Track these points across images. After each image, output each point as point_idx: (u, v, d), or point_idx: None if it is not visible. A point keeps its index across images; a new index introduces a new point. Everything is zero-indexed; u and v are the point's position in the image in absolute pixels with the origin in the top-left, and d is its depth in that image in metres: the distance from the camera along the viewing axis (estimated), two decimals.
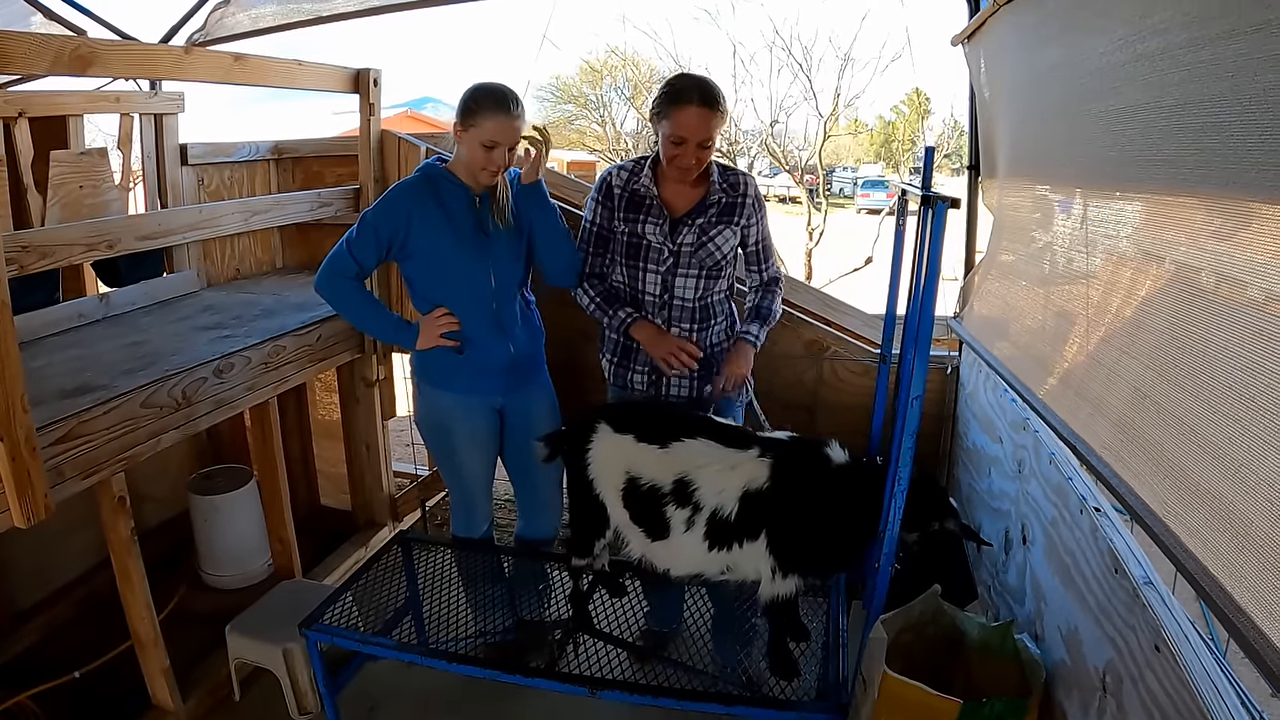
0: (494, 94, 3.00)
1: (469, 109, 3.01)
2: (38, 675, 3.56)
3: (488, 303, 3.20)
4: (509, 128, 2.99)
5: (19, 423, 2.39)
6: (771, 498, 2.55)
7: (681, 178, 3.11)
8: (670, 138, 2.98)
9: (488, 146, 2.99)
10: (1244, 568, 1.43)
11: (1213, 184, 1.67)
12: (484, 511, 3.52)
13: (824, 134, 18.29)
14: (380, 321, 3.32)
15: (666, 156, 3.05)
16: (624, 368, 3.33)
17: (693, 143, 2.96)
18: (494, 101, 2.98)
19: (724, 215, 3.15)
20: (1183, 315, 1.76)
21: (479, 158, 3.02)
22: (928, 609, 2.63)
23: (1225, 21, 1.58)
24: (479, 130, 2.99)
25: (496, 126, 2.97)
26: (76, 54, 2.72)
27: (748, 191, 3.19)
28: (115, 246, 3.05)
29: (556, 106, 28.76)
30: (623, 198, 3.21)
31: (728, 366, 3.17)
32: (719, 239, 3.14)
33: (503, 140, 2.99)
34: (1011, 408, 3.09)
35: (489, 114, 2.97)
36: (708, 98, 2.96)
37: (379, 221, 3.10)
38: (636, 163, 3.24)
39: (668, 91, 3.03)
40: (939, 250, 2.32)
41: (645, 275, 3.19)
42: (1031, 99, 2.97)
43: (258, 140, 4.99)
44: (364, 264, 3.15)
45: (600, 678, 2.75)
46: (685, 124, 2.95)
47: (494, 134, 2.98)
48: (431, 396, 3.34)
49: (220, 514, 4.42)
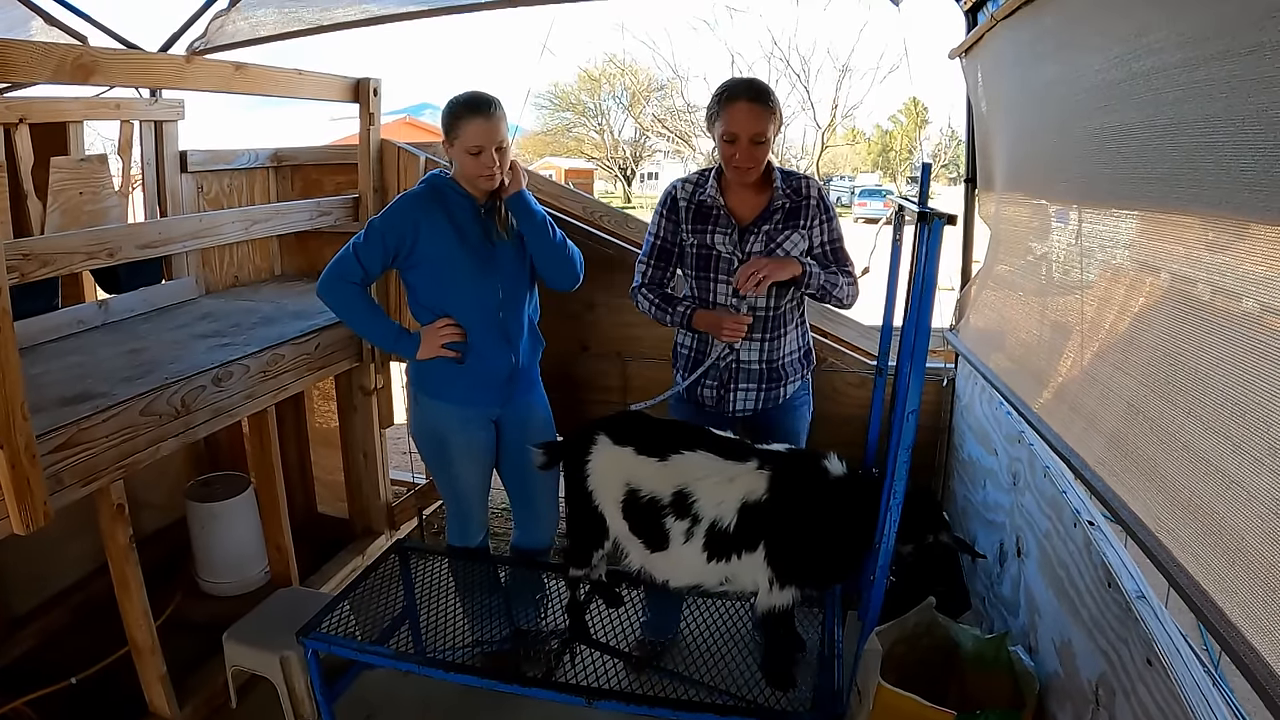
0: (467, 101, 3.05)
1: (448, 122, 3.07)
2: (35, 681, 3.57)
3: (494, 313, 3.21)
4: (488, 129, 3.02)
5: (19, 430, 2.40)
6: (770, 509, 2.57)
7: (741, 179, 3.09)
8: (723, 136, 2.99)
9: (473, 153, 3.03)
10: (1235, 582, 1.45)
11: (1205, 203, 1.69)
12: (479, 521, 3.53)
13: (822, 144, 18.37)
14: (382, 329, 3.30)
15: (724, 158, 3.04)
16: (696, 382, 3.32)
17: (744, 138, 2.95)
18: (468, 108, 3.02)
19: (790, 220, 3.14)
20: (1176, 331, 1.78)
21: (470, 165, 3.06)
22: (922, 621, 2.65)
23: (1219, 43, 1.59)
24: (461, 139, 3.03)
25: (475, 130, 3.01)
26: (78, 63, 2.73)
27: (810, 193, 3.16)
28: (116, 255, 3.06)
29: (555, 114, 28.87)
30: (689, 210, 3.21)
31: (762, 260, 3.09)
32: (787, 244, 3.12)
33: (485, 142, 3.02)
34: (1006, 420, 3.10)
35: (465, 120, 3.01)
36: (756, 93, 2.99)
37: (387, 229, 3.12)
38: (701, 174, 3.25)
39: (718, 94, 3.04)
40: (935, 266, 2.34)
41: (716, 285, 3.18)
42: (1028, 114, 2.99)
43: (257, 148, 5.00)
44: (369, 270, 3.17)
45: (597, 688, 2.76)
46: (735, 119, 2.95)
47: (475, 138, 3.01)
48: (428, 407, 3.34)
49: (218, 521, 4.43)
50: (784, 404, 3.32)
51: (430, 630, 3.13)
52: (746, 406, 3.28)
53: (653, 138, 26.84)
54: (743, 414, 3.29)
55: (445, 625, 3.13)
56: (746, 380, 3.25)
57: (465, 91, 3.10)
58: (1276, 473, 1.37)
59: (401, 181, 4.20)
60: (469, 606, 3.29)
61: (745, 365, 3.24)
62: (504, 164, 3.10)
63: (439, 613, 3.20)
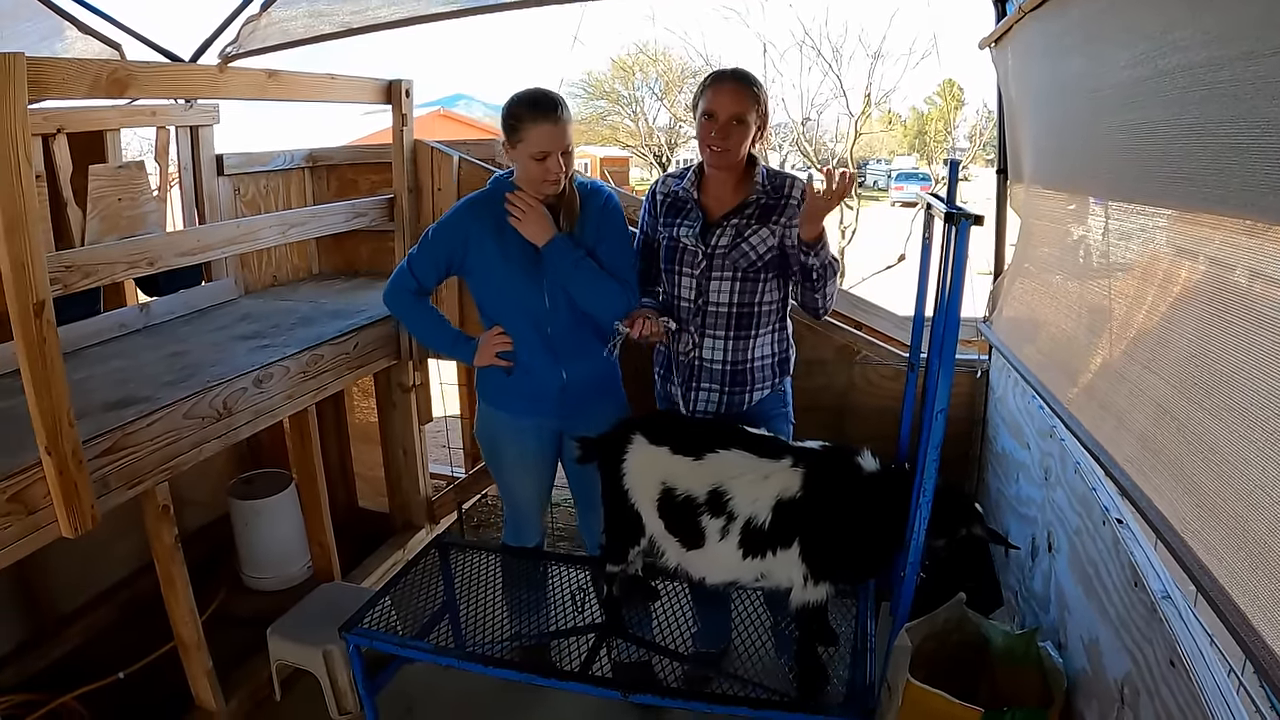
0: (532, 101, 2.90)
1: (510, 123, 2.92)
2: (82, 677, 3.66)
3: (540, 324, 3.14)
4: (554, 133, 2.88)
5: (66, 437, 2.47)
6: (804, 506, 2.58)
7: (717, 163, 3.01)
8: (703, 114, 2.96)
9: (538, 158, 2.90)
10: (1257, 586, 1.45)
11: (1232, 204, 1.69)
12: (534, 527, 3.55)
13: (855, 132, 18.25)
14: (439, 336, 3.30)
15: (701, 139, 3.00)
16: (666, 380, 3.31)
17: (723, 117, 2.91)
18: (533, 109, 2.88)
19: (763, 216, 3.05)
20: (1203, 332, 1.78)
21: (534, 171, 2.93)
22: (952, 616, 2.66)
23: (1244, 43, 1.58)
24: (525, 143, 2.89)
25: (541, 135, 2.87)
26: (114, 77, 2.79)
27: (792, 193, 3.06)
28: (156, 263, 3.12)
29: (589, 102, 28.77)
30: (664, 203, 3.18)
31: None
32: (754, 239, 3.04)
33: (552, 147, 2.89)
34: (1039, 414, 3.09)
35: (530, 123, 2.87)
36: (738, 75, 2.97)
37: (437, 240, 3.11)
38: (686, 168, 3.21)
39: (703, 80, 3.04)
40: (963, 266, 2.34)
41: (680, 279, 3.13)
42: (1056, 106, 2.98)
43: (292, 149, 5.06)
44: (423, 281, 3.15)
45: (633, 681, 2.80)
46: (716, 98, 2.92)
47: (541, 143, 2.88)
48: (486, 413, 3.35)
49: (260, 518, 4.51)
50: (750, 411, 3.22)
51: (470, 625, 3.16)
52: (707, 409, 3.21)
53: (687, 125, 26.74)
54: (703, 416, 3.22)
55: (484, 620, 3.16)
56: (709, 380, 3.19)
57: (528, 90, 2.96)
58: None
59: (436, 180, 4.24)
60: (509, 601, 3.31)
61: (706, 364, 3.18)
62: (569, 167, 2.98)
63: (478, 607, 3.24)
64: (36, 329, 2.36)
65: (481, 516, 5.77)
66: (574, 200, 3.09)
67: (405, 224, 4.20)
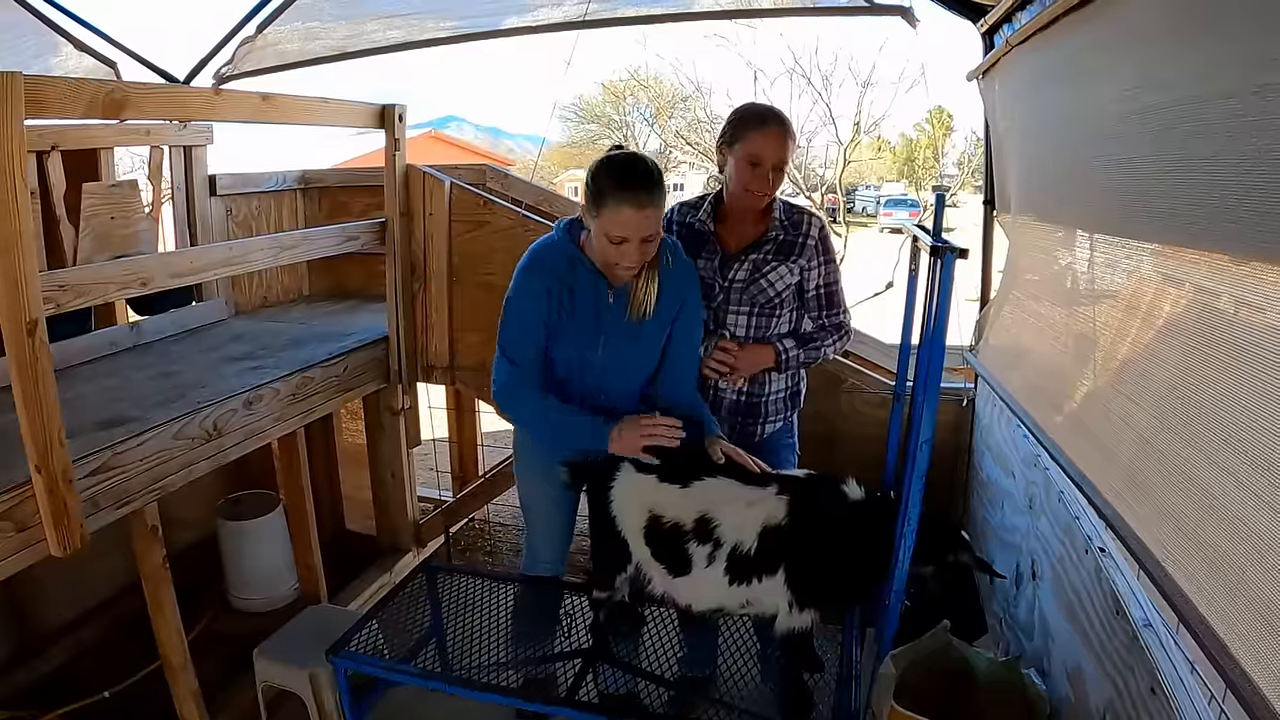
0: (621, 176, 2.53)
1: (593, 192, 2.56)
2: (69, 694, 3.66)
3: (591, 395, 2.91)
4: (639, 220, 2.51)
5: (56, 456, 2.48)
6: (789, 534, 2.59)
7: (753, 204, 3.01)
8: (747, 158, 2.90)
9: (614, 241, 2.55)
10: (1235, 615, 1.48)
11: (1211, 241, 1.72)
12: (549, 564, 3.37)
13: (844, 160, 18.40)
14: (577, 429, 2.82)
15: (740, 181, 2.95)
16: None
17: (768, 164, 2.90)
18: (620, 185, 2.50)
19: (780, 253, 3.06)
20: (1184, 364, 1.81)
21: (609, 251, 2.60)
22: (937, 644, 2.68)
23: (1225, 81, 1.63)
24: (602, 220, 2.54)
25: (624, 220, 2.51)
26: (110, 98, 2.79)
27: (810, 232, 3.06)
28: (149, 284, 3.12)
29: (580, 126, 28.90)
30: (681, 234, 3.12)
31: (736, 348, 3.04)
32: (772, 275, 3.05)
33: (633, 235, 2.53)
34: (1024, 443, 3.12)
35: (614, 203, 2.50)
36: (782, 120, 2.96)
37: (525, 310, 2.75)
38: (701, 198, 3.20)
39: (741, 117, 2.98)
40: (948, 299, 2.36)
41: None
42: (1043, 139, 3.02)
43: (284, 170, 5.09)
44: (532, 364, 2.80)
45: (619, 707, 2.80)
46: (764, 144, 2.89)
47: (622, 228, 2.52)
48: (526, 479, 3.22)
49: (248, 539, 4.51)
50: (761, 444, 3.22)
51: (456, 649, 3.16)
52: (723, 395, 3.19)
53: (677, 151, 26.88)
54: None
55: (471, 644, 3.16)
56: (719, 411, 3.16)
57: (622, 157, 2.59)
58: (1275, 509, 1.41)
59: (428, 206, 4.25)
60: (495, 626, 3.27)
61: (721, 395, 3.17)
62: (649, 254, 2.63)
63: (465, 632, 3.24)
64: (29, 348, 2.37)
65: (468, 540, 5.78)
66: (648, 290, 2.76)
67: (397, 248, 4.22)
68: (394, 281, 4.29)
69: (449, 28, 4.47)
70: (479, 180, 4.73)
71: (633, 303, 2.75)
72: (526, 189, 4.89)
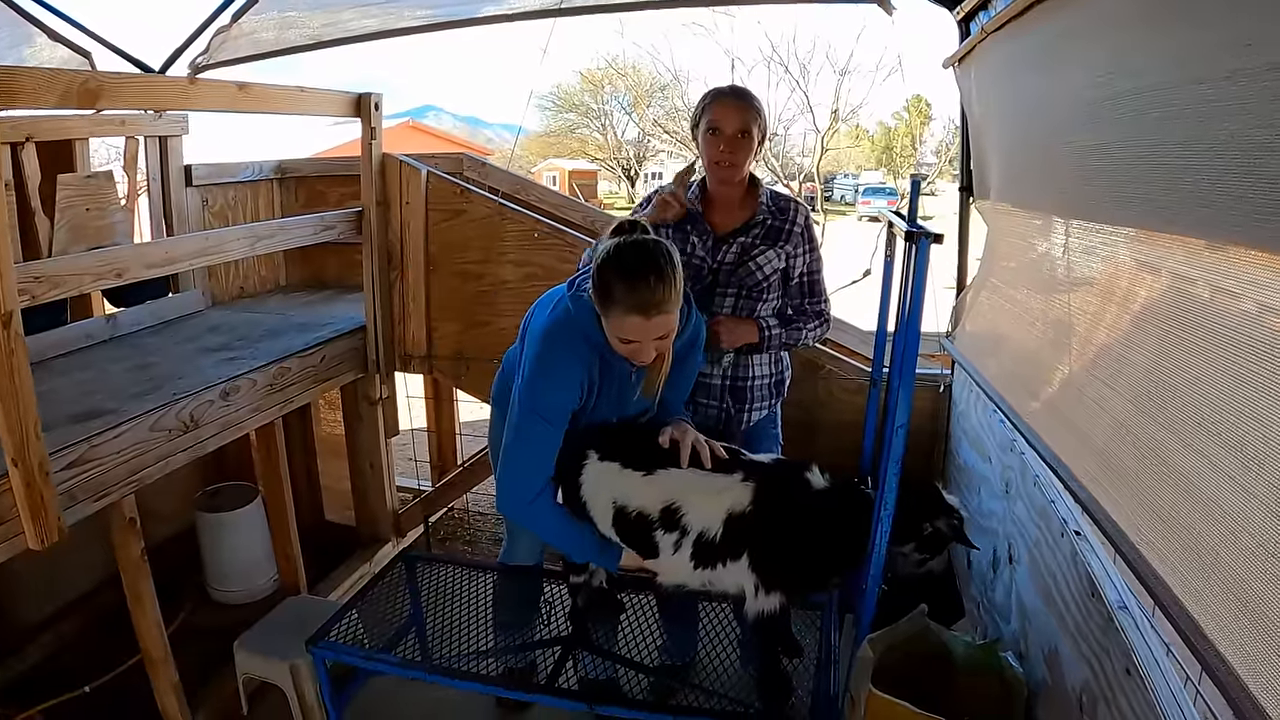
0: (628, 279, 2.39)
1: (599, 288, 2.45)
2: (49, 689, 3.63)
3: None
4: (651, 327, 2.43)
5: (32, 450, 2.46)
6: (753, 521, 2.60)
7: (723, 177, 3.05)
8: (708, 128, 2.99)
9: (624, 341, 2.48)
10: (1209, 596, 1.49)
11: (1183, 225, 1.73)
12: (530, 557, 3.43)
13: (822, 148, 18.44)
14: (586, 543, 2.80)
15: (708, 154, 3.03)
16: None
17: (729, 131, 2.96)
18: (628, 291, 2.38)
19: (768, 237, 3.10)
20: (1159, 348, 1.82)
21: (620, 348, 2.53)
22: (914, 628, 2.70)
23: (1196, 67, 1.63)
24: (611, 323, 2.47)
25: (632, 328, 2.43)
26: (85, 87, 2.78)
27: (797, 219, 3.13)
28: (124, 275, 3.10)
29: (558, 115, 28.85)
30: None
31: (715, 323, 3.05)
32: (760, 259, 3.09)
33: (643, 338, 2.46)
34: (1000, 429, 3.13)
35: (620, 311, 2.41)
36: (740, 93, 3.06)
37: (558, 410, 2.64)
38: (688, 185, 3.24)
39: (703, 96, 3.08)
40: (923, 284, 2.36)
41: None
42: (1018, 126, 3.03)
43: (261, 160, 5.06)
44: (559, 420, 2.66)
45: (599, 693, 2.81)
46: (723, 113, 2.97)
47: (631, 333, 2.45)
48: None
49: (227, 531, 4.50)
50: (746, 431, 3.27)
51: (435, 638, 3.16)
52: (705, 425, 3.14)
53: (655, 140, 26.87)
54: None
55: (451, 633, 3.16)
56: (706, 396, 3.21)
57: (630, 251, 2.43)
58: (1247, 491, 1.42)
59: (404, 194, 4.23)
60: (475, 615, 3.27)
61: (706, 380, 3.18)
62: (669, 343, 2.57)
63: (444, 620, 3.24)
64: (4, 341, 2.35)
65: (448, 530, 5.78)
66: (662, 369, 2.68)
67: (373, 237, 4.20)
68: (371, 271, 4.27)
69: (425, 16, 4.44)
70: (456, 169, 4.71)
71: (646, 382, 2.71)
72: (503, 178, 4.87)
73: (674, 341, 2.62)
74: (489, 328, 4.29)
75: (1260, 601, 1.34)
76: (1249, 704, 1.33)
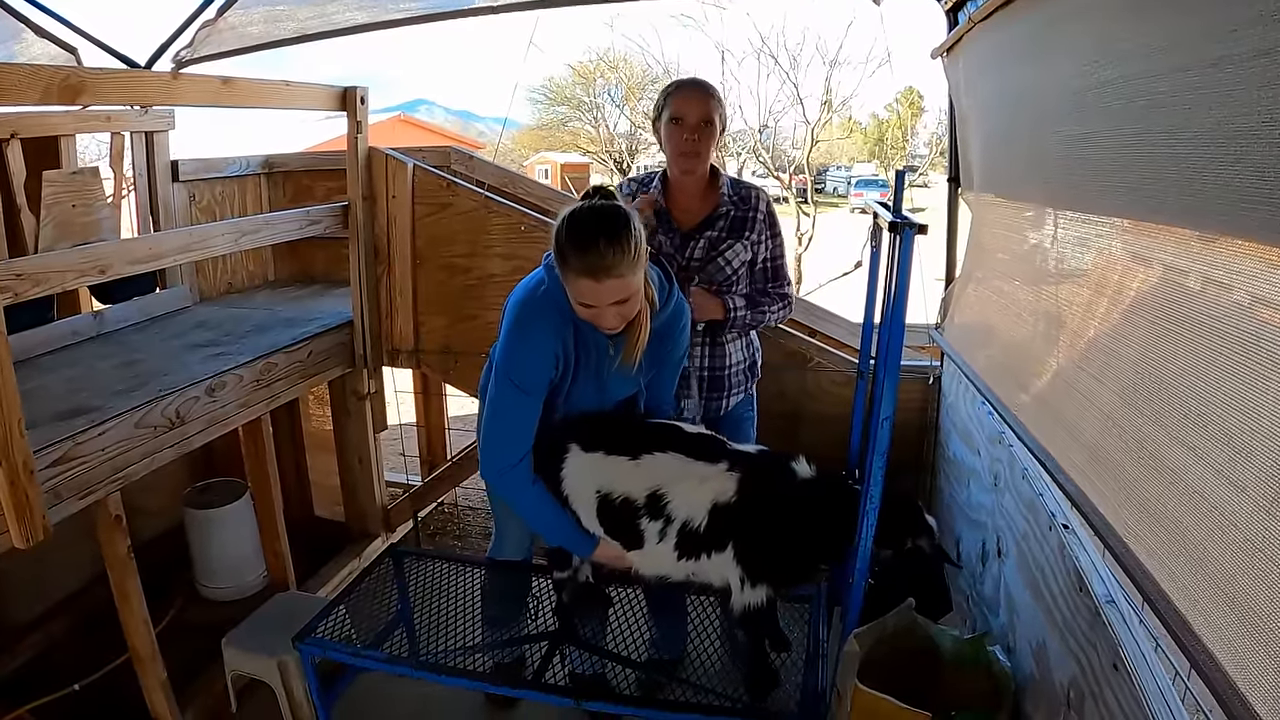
0: (579, 242, 2.37)
1: (558, 255, 2.44)
2: (37, 688, 3.62)
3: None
4: (603, 290, 2.38)
5: (17, 447, 2.45)
6: (738, 511, 2.59)
7: (686, 167, 3.07)
8: (670, 122, 3.02)
9: (583, 304, 2.45)
10: (1197, 591, 1.48)
11: (1169, 214, 1.73)
12: (518, 552, 3.40)
13: (812, 140, 18.40)
14: (563, 529, 2.78)
15: (672, 146, 3.05)
16: None
17: (690, 120, 2.99)
18: (577, 254, 2.36)
19: (734, 229, 3.13)
20: (1147, 341, 1.81)
21: (582, 312, 2.49)
22: (902, 622, 2.69)
23: (1181, 55, 1.62)
24: (568, 285, 2.45)
25: (584, 290, 2.40)
26: (66, 84, 2.77)
27: (759, 207, 3.16)
28: (108, 271, 3.07)
29: (549, 108, 28.79)
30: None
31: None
32: (729, 253, 3.12)
33: (597, 302, 2.42)
34: (989, 421, 3.12)
35: (572, 274, 2.39)
36: (700, 83, 3.07)
37: (533, 379, 2.62)
38: (649, 175, 3.25)
39: (664, 90, 3.12)
40: (907, 276, 2.35)
41: None
42: (1005, 116, 3.02)
43: (248, 155, 5.05)
44: (536, 391, 2.64)
45: (586, 688, 2.80)
46: (685, 103, 3.00)
47: (584, 296, 2.42)
48: None
49: (215, 527, 4.49)
50: (726, 416, 3.31)
51: (424, 634, 3.15)
52: (686, 416, 3.19)
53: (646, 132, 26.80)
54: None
55: (439, 628, 3.15)
56: (684, 387, 3.19)
57: (586, 214, 2.41)
58: (1235, 485, 1.41)
59: (391, 188, 4.22)
60: (463, 610, 3.26)
61: (687, 371, 3.17)
62: (632, 310, 2.49)
63: (432, 616, 3.23)
64: None
65: (438, 525, 5.77)
66: (641, 334, 2.59)
67: (360, 231, 4.18)
68: (357, 265, 4.27)
69: (414, 8, 4.42)
70: (443, 162, 4.70)
71: (624, 350, 2.63)
72: (491, 171, 4.85)
73: (653, 320, 2.60)
74: (476, 321, 4.27)
75: (1247, 597, 1.34)
76: (1236, 700, 1.32)
